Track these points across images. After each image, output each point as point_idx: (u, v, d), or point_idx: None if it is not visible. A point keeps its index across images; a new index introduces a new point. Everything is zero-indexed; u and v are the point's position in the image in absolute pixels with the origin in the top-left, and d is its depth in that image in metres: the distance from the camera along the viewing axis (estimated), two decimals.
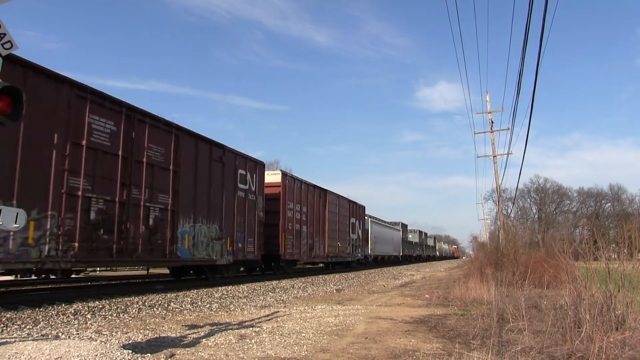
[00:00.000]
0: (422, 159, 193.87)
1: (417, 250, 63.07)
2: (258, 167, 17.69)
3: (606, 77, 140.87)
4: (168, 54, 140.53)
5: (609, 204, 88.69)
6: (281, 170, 20.38)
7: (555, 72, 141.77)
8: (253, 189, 17.02)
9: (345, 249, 28.09)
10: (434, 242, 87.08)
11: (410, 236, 60.46)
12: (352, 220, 29.84)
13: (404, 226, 54.49)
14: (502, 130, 25.83)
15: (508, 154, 25.53)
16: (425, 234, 76.18)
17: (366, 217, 34.78)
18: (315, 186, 23.94)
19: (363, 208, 33.32)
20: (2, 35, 3.93)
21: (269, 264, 19.96)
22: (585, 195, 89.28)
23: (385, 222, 45.36)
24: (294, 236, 20.50)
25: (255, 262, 17.81)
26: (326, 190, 25.13)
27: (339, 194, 27.70)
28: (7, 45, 3.99)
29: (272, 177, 19.70)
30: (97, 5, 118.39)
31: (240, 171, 16.24)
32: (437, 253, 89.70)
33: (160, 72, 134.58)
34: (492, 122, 25.76)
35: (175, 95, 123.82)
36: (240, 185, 16.16)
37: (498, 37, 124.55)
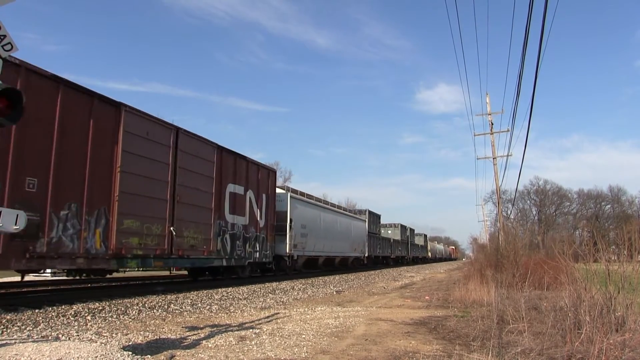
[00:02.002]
0: (422, 160, 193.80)
1: (397, 251, 48.82)
2: None
3: (606, 79, 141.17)
4: (169, 56, 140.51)
5: (609, 206, 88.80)
6: None
7: (555, 74, 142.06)
8: None
9: (205, 243, 14.13)
10: (425, 241, 72.78)
11: (389, 232, 48.26)
12: (233, 188, 15.90)
13: (374, 216, 40.03)
14: (502, 132, 25.78)
15: (508, 155, 25.52)
16: (412, 230, 59.55)
17: (281, 191, 21.35)
18: (61, 81, 9.54)
19: (270, 173, 19.20)
20: (2, 37, 3.94)
21: None
22: (585, 197, 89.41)
23: (332, 205, 30.79)
24: None
25: None
26: (120, 103, 11.02)
27: (186, 129, 13.51)
28: (7, 47, 3.99)
29: None
30: (97, 8, 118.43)
31: None
32: (429, 254, 76.51)
33: (161, 74, 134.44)
34: (492, 124, 25.77)
35: (176, 97, 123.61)
36: None
37: (498, 39, 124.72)
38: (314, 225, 24.26)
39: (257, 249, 17.76)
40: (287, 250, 20.54)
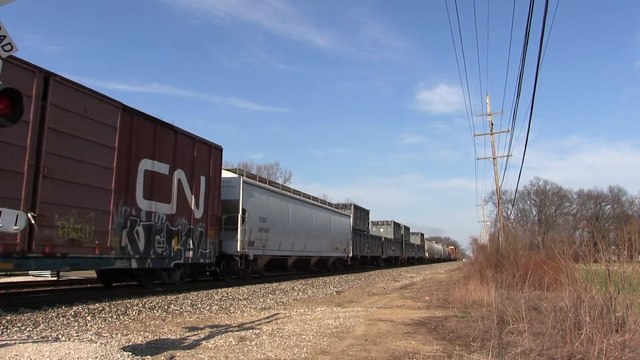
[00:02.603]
0: (422, 161, 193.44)
1: (390, 250, 44.25)
2: None
3: (606, 80, 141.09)
4: (169, 57, 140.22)
5: (609, 206, 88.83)
6: None
7: (555, 75, 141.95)
8: None
9: (98, 237, 10.19)
10: (422, 241, 68.61)
11: (381, 230, 44.45)
12: (151, 166, 12.08)
13: (361, 212, 35.32)
14: (502, 132, 25.78)
15: (508, 156, 25.43)
16: (407, 228, 55.09)
17: (231, 175, 17.57)
18: None
19: (212, 150, 15.00)
20: (2, 38, 3.94)
21: None
22: (585, 198, 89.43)
23: (306, 195, 25.17)
24: None
25: None
26: None
27: (65, 76, 9.65)
28: (7, 48, 4.00)
29: None
30: (97, 8, 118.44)
31: None
32: (427, 254, 72.74)
33: (161, 75, 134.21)
34: (492, 125, 25.77)
35: (176, 98, 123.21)
36: None
37: (498, 40, 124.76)
38: (279, 218, 19.92)
39: (191, 246, 13.58)
40: (239, 249, 16.40)
